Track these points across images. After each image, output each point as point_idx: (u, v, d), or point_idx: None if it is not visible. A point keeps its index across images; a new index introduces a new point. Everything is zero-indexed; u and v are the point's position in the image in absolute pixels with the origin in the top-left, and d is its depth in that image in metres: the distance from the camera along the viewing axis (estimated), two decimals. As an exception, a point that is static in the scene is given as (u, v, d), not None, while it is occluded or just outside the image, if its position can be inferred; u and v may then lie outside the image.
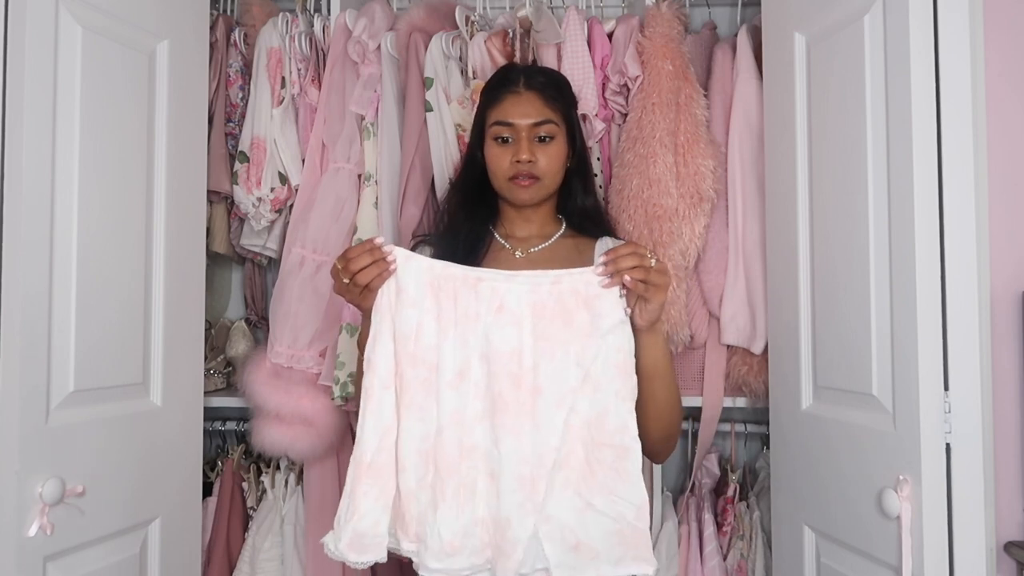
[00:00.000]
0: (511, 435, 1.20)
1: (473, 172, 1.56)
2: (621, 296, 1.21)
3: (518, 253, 1.54)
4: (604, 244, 1.56)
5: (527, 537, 1.18)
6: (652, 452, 1.36)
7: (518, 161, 1.46)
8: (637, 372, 1.24)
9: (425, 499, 1.20)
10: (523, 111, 1.47)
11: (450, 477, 1.20)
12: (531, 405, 1.20)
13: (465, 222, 1.55)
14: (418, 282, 1.23)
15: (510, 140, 1.47)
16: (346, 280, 1.22)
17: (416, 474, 1.21)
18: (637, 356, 1.25)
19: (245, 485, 2.13)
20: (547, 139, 1.48)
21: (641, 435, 1.22)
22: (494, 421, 1.21)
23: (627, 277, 1.19)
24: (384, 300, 1.23)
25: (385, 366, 1.22)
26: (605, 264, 1.20)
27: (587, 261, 1.53)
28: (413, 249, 1.59)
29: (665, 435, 1.36)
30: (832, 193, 1.53)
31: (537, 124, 1.47)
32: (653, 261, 1.20)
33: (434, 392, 1.22)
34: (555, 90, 1.53)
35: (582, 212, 1.58)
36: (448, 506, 1.19)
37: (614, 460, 1.20)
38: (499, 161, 1.48)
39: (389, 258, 1.22)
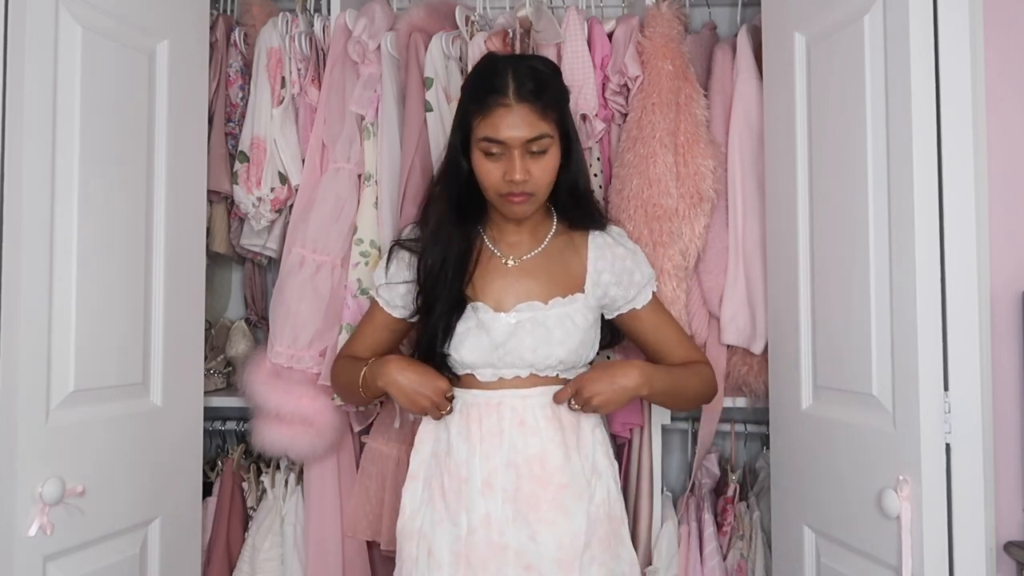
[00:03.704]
0: (547, 527, 1.41)
1: (458, 177, 1.49)
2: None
3: (510, 261, 1.52)
4: (595, 239, 1.55)
5: None
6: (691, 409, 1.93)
7: (511, 180, 1.40)
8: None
9: None
10: (514, 124, 1.38)
11: (483, 572, 1.41)
12: (560, 500, 1.42)
13: (454, 232, 1.50)
14: (456, 408, 1.49)
15: (501, 155, 1.41)
16: (427, 406, 1.45)
17: (451, 571, 1.43)
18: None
19: (245, 485, 2.13)
20: (540, 153, 1.41)
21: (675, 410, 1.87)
22: (529, 519, 1.42)
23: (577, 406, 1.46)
24: (428, 426, 1.54)
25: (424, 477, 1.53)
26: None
27: (581, 262, 1.53)
28: (390, 254, 1.58)
29: (699, 403, 1.69)
30: (832, 193, 1.53)
31: (531, 140, 1.39)
32: (574, 406, 1.45)
33: (465, 500, 1.43)
34: (547, 96, 1.42)
35: (575, 202, 1.55)
36: None
37: (619, 529, 1.51)
38: (490, 176, 1.42)
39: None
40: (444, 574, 1.43)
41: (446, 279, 1.49)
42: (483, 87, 1.42)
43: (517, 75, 1.41)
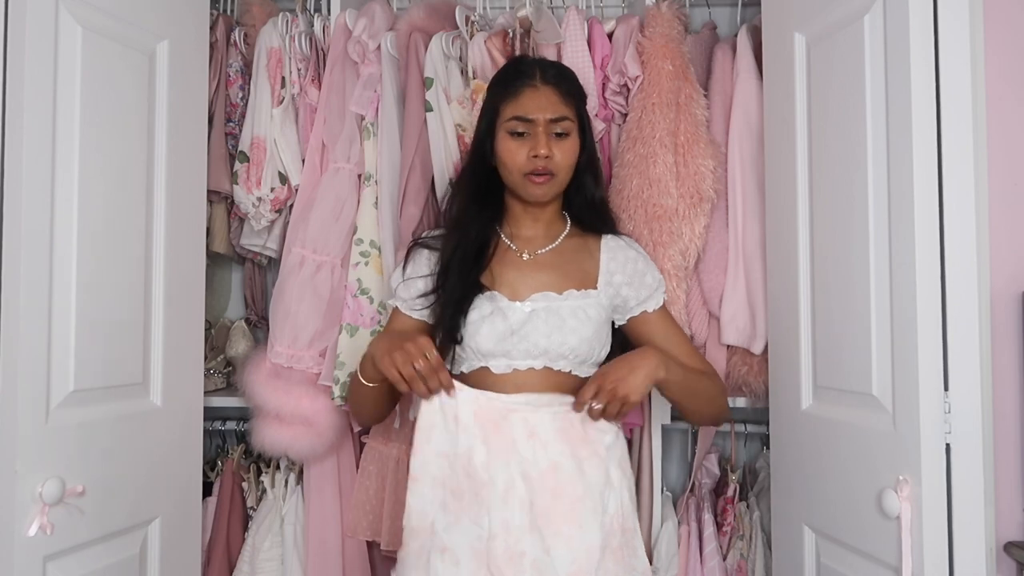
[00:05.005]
0: (561, 541, 1.38)
1: (480, 168, 1.55)
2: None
3: (525, 255, 1.54)
4: (608, 242, 1.57)
5: None
6: (706, 424, 1.83)
7: (535, 156, 1.45)
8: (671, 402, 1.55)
9: None
10: (540, 105, 1.47)
11: None
12: (574, 512, 1.39)
13: (472, 225, 1.54)
14: (469, 411, 1.42)
15: (526, 134, 1.47)
16: (398, 355, 1.34)
17: (469, 568, 1.39)
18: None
19: (245, 485, 2.13)
20: (563, 135, 1.48)
21: (692, 421, 1.80)
22: (543, 532, 1.39)
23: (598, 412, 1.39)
24: (433, 419, 1.43)
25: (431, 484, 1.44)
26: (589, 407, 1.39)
27: (594, 261, 1.55)
28: (409, 252, 1.60)
29: (713, 418, 1.64)
30: (832, 193, 1.53)
31: (555, 120, 1.47)
32: (597, 405, 1.38)
33: (486, 505, 1.39)
34: (570, 84, 1.53)
35: (590, 208, 1.59)
36: None
37: (631, 539, 1.47)
38: (514, 155, 1.48)
39: (443, 393, 1.40)
40: (463, 572, 1.39)
41: (465, 264, 1.51)
42: (511, 75, 1.54)
43: (542, 64, 1.55)
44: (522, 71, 1.52)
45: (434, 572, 1.40)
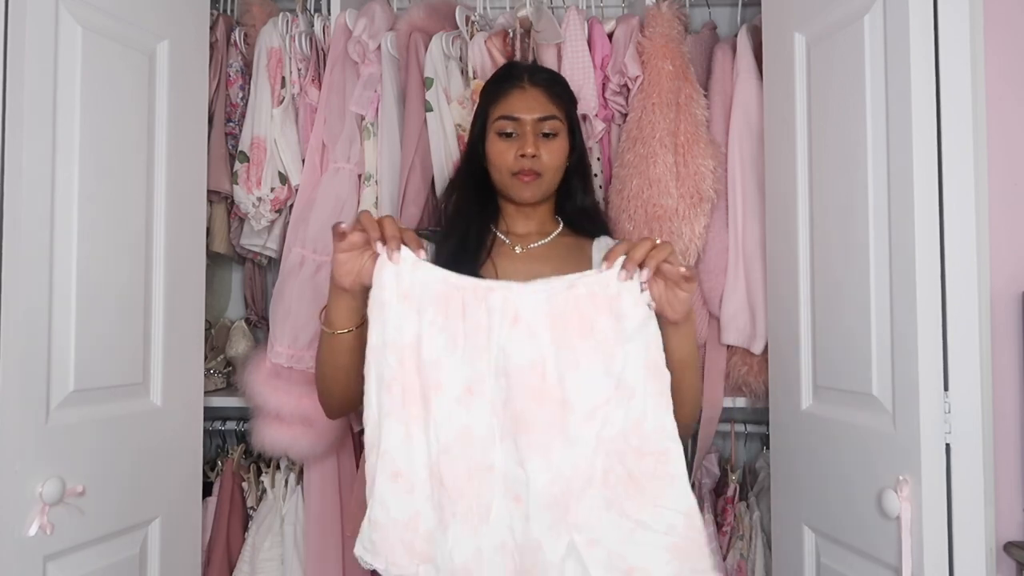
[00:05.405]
0: (538, 454, 1.10)
1: (473, 169, 1.56)
2: (643, 291, 1.11)
3: (517, 248, 1.54)
4: (601, 242, 1.57)
5: (560, 560, 1.09)
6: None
7: (522, 155, 1.45)
8: (669, 366, 1.14)
9: (434, 519, 1.13)
10: (528, 105, 1.48)
11: (460, 498, 1.11)
12: (560, 420, 1.10)
13: (472, 221, 1.54)
14: (425, 290, 1.13)
15: (514, 135, 1.48)
16: (345, 238, 1.14)
17: (424, 494, 1.13)
18: (669, 349, 1.15)
19: (245, 485, 2.13)
20: (551, 135, 1.48)
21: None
22: (517, 441, 1.11)
23: (646, 272, 1.11)
24: (383, 296, 1.13)
25: (390, 372, 1.14)
26: (624, 266, 1.11)
27: (586, 258, 1.55)
28: None
29: (691, 421, 1.33)
30: (832, 193, 1.53)
31: (542, 119, 1.47)
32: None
33: (435, 408, 1.12)
34: (558, 87, 1.54)
35: (581, 212, 1.59)
36: (459, 527, 1.11)
37: (656, 467, 1.10)
38: (503, 156, 1.48)
39: (395, 255, 1.12)
40: (417, 497, 1.13)
41: (466, 255, 1.50)
42: (501, 78, 1.55)
43: (532, 68, 1.57)
44: (511, 75, 1.54)
45: (383, 504, 1.15)
